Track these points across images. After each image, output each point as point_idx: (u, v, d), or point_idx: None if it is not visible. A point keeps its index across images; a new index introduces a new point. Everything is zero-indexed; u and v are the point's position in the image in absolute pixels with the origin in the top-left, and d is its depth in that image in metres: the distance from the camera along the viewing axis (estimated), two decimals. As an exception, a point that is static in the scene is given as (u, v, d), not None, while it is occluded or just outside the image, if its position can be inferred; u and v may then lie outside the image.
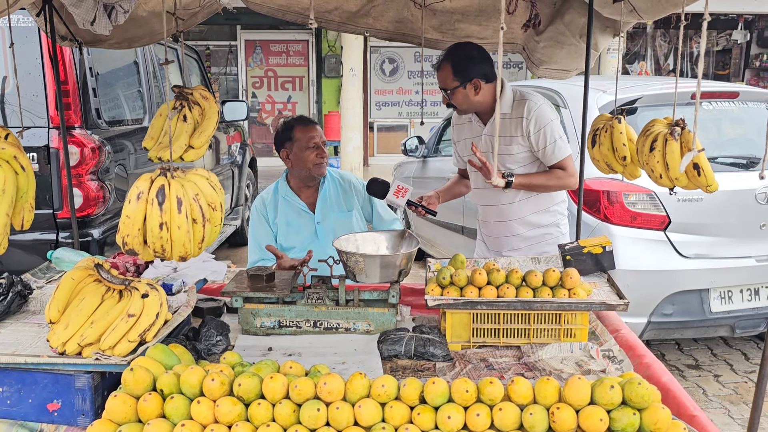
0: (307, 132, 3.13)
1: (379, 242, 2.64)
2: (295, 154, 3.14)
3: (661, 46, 15.46)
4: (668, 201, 4.03)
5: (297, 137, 3.12)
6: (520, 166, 3.05)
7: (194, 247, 1.68)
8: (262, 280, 2.43)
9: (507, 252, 3.20)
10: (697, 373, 4.61)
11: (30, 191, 2.00)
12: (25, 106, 3.77)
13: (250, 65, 14.74)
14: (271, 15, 3.16)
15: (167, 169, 1.69)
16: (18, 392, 1.83)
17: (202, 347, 2.20)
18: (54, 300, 1.92)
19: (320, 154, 3.13)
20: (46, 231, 3.95)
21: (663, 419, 1.53)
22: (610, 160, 2.32)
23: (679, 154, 1.95)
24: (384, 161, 14.27)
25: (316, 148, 3.12)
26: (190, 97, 1.95)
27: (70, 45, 3.16)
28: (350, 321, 2.38)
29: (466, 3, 3.11)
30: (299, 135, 3.12)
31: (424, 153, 6.71)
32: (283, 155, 3.19)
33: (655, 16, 2.58)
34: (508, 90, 3.05)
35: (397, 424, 1.58)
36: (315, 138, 3.12)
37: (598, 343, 2.30)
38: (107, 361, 1.79)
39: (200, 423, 1.58)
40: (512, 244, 3.23)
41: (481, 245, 3.48)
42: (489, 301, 2.24)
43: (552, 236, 3.19)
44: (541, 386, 1.59)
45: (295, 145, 3.12)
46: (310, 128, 3.15)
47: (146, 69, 5.22)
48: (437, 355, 2.20)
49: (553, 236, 3.19)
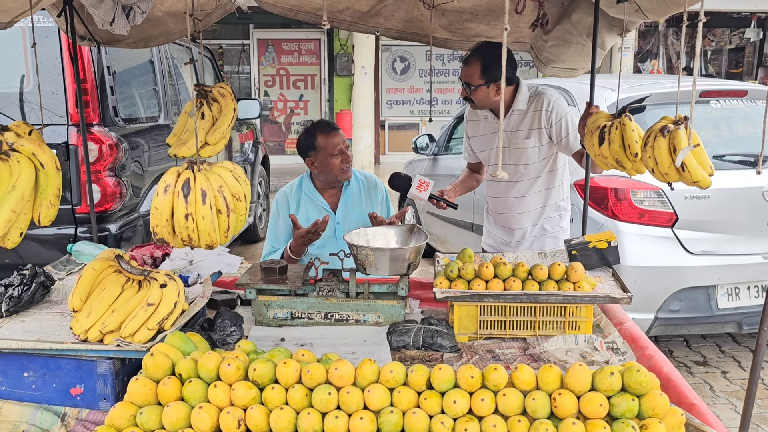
0: (331, 139, 3.17)
1: (389, 236, 2.71)
2: (320, 161, 3.18)
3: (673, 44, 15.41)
4: (675, 198, 4.06)
5: (321, 145, 3.17)
6: (534, 161, 3.19)
7: (220, 236, 1.76)
8: (275, 272, 2.50)
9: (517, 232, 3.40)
10: (705, 370, 4.64)
11: (50, 188, 2.01)
12: (45, 104, 3.87)
13: (263, 64, 14.84)
14: (283, 15, 3.22)
15: (194, 162, 1.76)
16: (43, 377, 1.92)
17: (216, 337, 2.27)
18: (77, 289, 2.00)
19: (345, 160, 3.18)
20: (65, 226, 4.05)
21: (661, 405, 1.58)
22: (620, 157, 2.35)
23: (666, 150, 2.00)
24: (395, 159, 14.34)
25: (340, 154, 3.17)
26: (209, 94, 2.03)
27: (89, 44, 3.24)
28: (360, 313, 2.45)
29: (475, 2, 3.16)
30: (323, 143, 3.17)
31: (435, 151, 6.77)
32: (308, 163, 3.24)
33: (660, 15, 2.62)
34: (524, 88, 3.22)
35: (405, 408, 1.65)
36: (339, 144, 3.17)
37: (603, 335, 2.36)
38: (128, 347, 1.86)
39: (217, 406, 1.65)
40: (518, 234, 3.40)
41: (490, 221, 3.61)
42: (496, 294, 2.30)
43: (553, 231, 3.33)
44: (543, 373, 1.65)
45: (320, 153, 3.17)
46: (333, 135, 3.19)
47: (161, 67, 5.31)
48: (445, 346, 2.26)
49: (554, 231, 3.34)
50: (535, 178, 3.27)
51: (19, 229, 1.95)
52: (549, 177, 3.29)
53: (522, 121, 3.20)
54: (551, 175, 3.29)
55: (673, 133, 2.02)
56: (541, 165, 3.25)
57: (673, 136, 2.02)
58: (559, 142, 3.16)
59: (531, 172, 3.25)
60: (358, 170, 3.39)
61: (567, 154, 3.23)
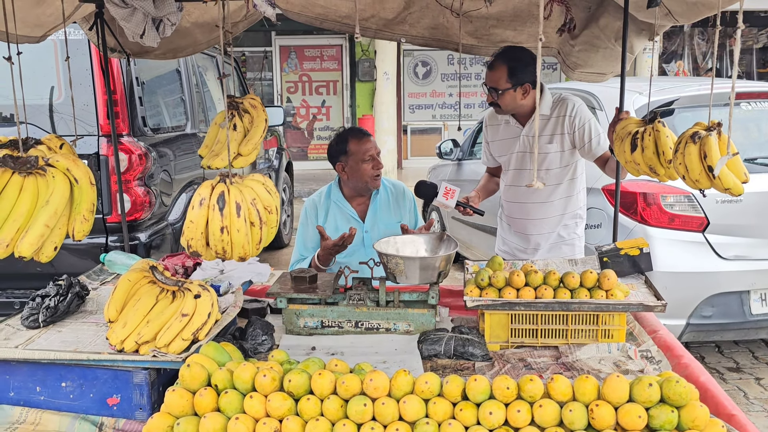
0: (362, 144, 3.18)
1: (419, 245, 2.70)
2: (351, 167, 3.18)
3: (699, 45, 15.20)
4: (706, 202, 4.01)
5: (352, 150, 3.17)
6: (555, 166, 3.18)
7: (252, 248, 1.77)
8: (305, 281, 2.51)
9: (533, 239, 3.39)
10: (738, 376, 4.56)
11: (84, 203, 2.01)
12: (76, 115, 3.93)
13: (285, 70, 14.95)
14: (309, 23, 3.25)
15: (226, 175, 1.78)
16: (80, 387, 1.94)
17: (248, 346, 2.29)
18: (112, 300, 2.03)
19: (376, 166, 3.18)
20: (97, 235, 4.10)
21: (701, 417, 1.55)
22: (654, 164, 2.32)
23: (696, 157, 1.97)
24: (418, 164, 14.34)
25: (372, 160, 3.17)
26: (240, 105, 2.05)
27: (119, 56, 3.30)
28: (391, 321, 2.45)
29: (501, 8, 3.16)
30: (354, 148, 3.17)
31: (459, 156, 6.75)
32: (338, 168, 3.23)
33: (691, 19, 2.59)
34: (547, 93, 3.23)
35: (441, 419, 1.64)
36: (370, 150, 3.17)
37: (636, 343, 2.33)
38: (163, 358, 1.88)
39: (253, 417, 1.66)
40: (534, 241, 3.40)
41: (504, 226, 3.59)
42: (527, 302, 2.29)
43: (570, 239, 3.36)
44: (580, 384, 1.64)
45: (351, 159, 3.17)
46: (364, 140, 3.20)
47: (188, 77, 5.38)
48: (476, 355, 2.25)
49: (570, 239, 3.37)
50: (556, 185, 3.26)
51: (53, 244, 1.97)
52: (570, 185, 3.28)
53: (545, 126, 3.19)
54: (572, 184, 3.29)
55: (704, 140, 1.99)
56: (563, 172, 3.25)
57: (703, 143, 1.99)
58: (581, 147, 3.15)
59: (552, 178, 3.24)
60: (387, 178, 3.39)
61: (589, 160, 3.22)
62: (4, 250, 1.85)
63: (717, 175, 1.95)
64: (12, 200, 1.89)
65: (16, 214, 1.88)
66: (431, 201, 3.04)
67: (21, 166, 1.91)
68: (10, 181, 1.90)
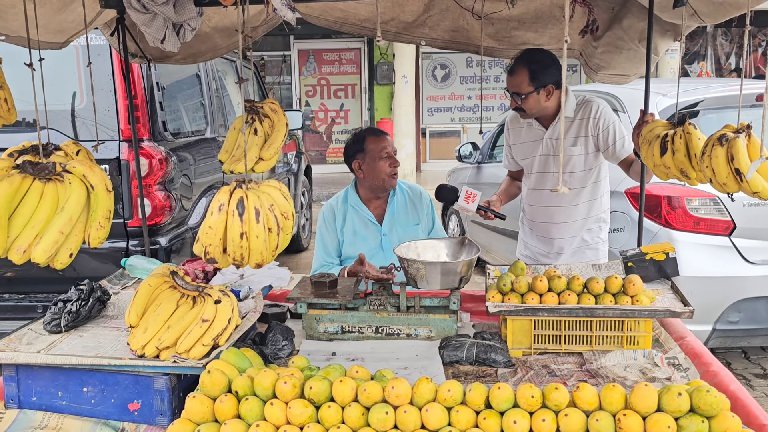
0: (380, 142, 3.17)
1: (440, 249, 2.68)
2: (367, 164, 3.17)
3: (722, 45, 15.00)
4: (733, 206, 3.93)
5: (369, 148, 3.16)
6: (579, 169, 3.14)
7: (269, 254, 1.76)
8: (325, 286, 2.50)
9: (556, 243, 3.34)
10: (766, 383, 4.47)
11: (100, 210, 2.00)
12: (98, 120, 3.96)
13: (303, 74, 14.98)
14: (328, 27, 3.24)
15: (242, 181, 1.77)
16: (101, 392, 1.94)
17: (268, 351, 2.28)
18: (133, 305, 2.03)
19: (393, 164, 3.16)
20: (117, 239, 4.13)
21: (733, 428, 1.51)
22: (686, 167, 2.27)
23: (724, 160, 1.93)
24: (436, 167, 14.30)
25: (388, 158, 3.15)
26: (260, 110, 2.04)
27: (140, 62, 3.31)
28: (411, 327, 2.42)
29: (523, 11, 3.12)
30: (371, 146, 3.16)
31: (479, 159, 6.71)
32: (355, 166, 3.21)
33: (717, 19, 2.53)
34: (571, 95, 3.18)
35: (463, 428, 1.61)
36: (387, 148, 3.16)
37: (663, 350, 2.28)
38: (184, 363, 1.88)
39: (273, 424, 1.64)
40: (557, 245, 3.35)
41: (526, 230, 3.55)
42: (550, 308, 2.25)
43: (593, 243, 3.30)
44: (606, 392, 1.60)
45: (368, 156, 3.16)
46: (381, 138, 3.19)
47: (207, 81, 5.40)
48: (499, 362, 2.21)
49: (594, 243, 3.31)
50: (580, 188, 3.21)
51: (68, 250, 1.96)
52: (594, 188, 3.23)
53: (569, 129, 3.15)
54: (596, 187, 3.24)
55: (732, 142, 1.94)
56: (587, 175, 3.19)
57: (731, 146, 1.94)
58: (606, 150, 3.10)
59: (575, 181, 3.19)
60: (403, 181, 3.36)
61: (614, 163, 3.17)
62: (21, 256, 1.85)
63: (745, 178, 1.91)
64: (33, 207, 1.90)
65: (35, 220, 1.88)
66: (451, 205, 3.01)
67: (39, 172, 1.92)
68: (31, 188, 1.91)
